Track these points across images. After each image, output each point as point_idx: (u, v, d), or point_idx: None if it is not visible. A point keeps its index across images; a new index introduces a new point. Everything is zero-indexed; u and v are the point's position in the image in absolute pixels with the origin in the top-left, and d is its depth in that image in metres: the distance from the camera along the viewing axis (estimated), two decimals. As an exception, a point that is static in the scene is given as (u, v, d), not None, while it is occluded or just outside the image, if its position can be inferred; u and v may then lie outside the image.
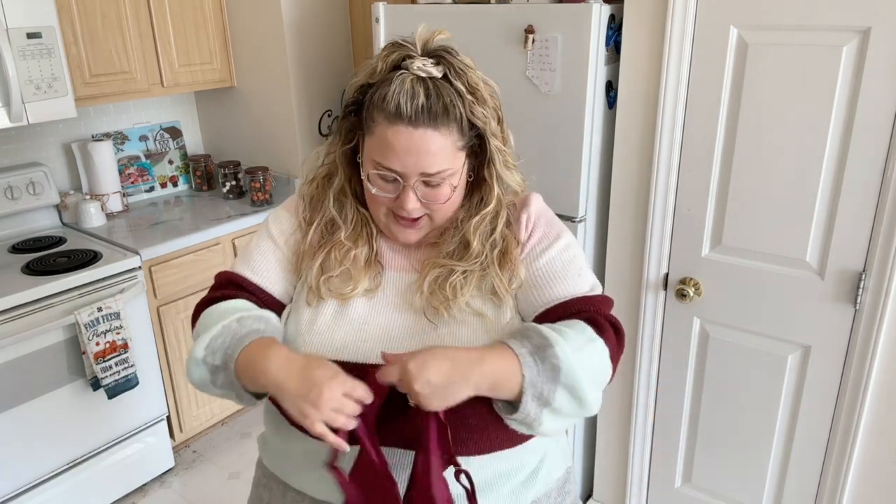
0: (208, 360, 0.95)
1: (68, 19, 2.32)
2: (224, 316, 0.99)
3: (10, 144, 2.56)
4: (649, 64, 1.76)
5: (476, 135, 0.99)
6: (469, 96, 0.96)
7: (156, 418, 2.53)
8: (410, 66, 0.94)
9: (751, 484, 1.92)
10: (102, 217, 2.67)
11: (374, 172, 0.98)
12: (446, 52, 0.97)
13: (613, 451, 2.18)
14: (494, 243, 1.03)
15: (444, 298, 1.00)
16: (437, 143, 0.94)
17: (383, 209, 1.01)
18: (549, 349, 0.89)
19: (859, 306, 1.61)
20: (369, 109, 0.96)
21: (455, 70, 0.96)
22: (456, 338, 0.99)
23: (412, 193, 0.97)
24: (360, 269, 1.04)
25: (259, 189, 2.89)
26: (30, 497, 2.21)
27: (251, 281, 1.07)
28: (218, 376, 0.95)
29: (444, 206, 1.00)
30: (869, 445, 1.69)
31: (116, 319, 2.25)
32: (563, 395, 0.90)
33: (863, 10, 1.44)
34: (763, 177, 1.66)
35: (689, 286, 1.83)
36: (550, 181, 1.91)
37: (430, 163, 0.94)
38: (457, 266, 1.01)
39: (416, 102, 0.92)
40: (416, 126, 0.93)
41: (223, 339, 0.95)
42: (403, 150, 0.94)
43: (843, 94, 1.51)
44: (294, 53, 2.75)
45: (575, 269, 1.04)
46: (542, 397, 0.89)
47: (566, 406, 0.91)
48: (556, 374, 0.89)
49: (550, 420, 0.91)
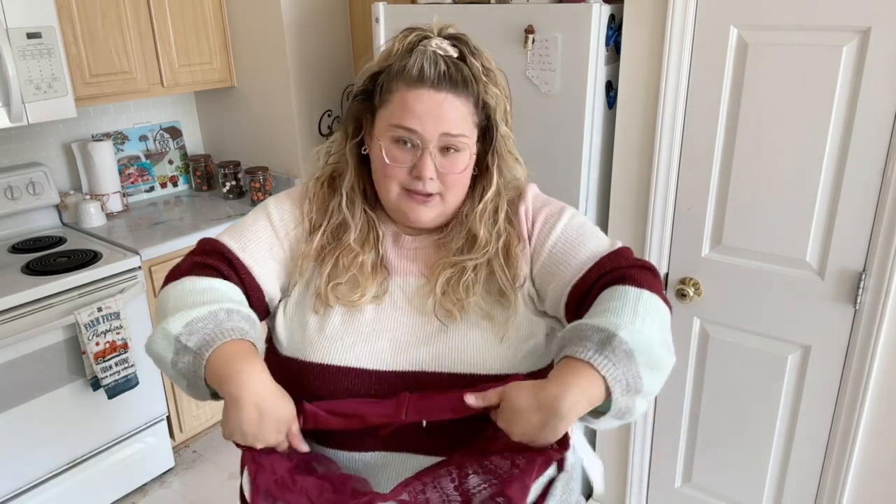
0: (182, 338, 0.89)
1: (68, 19, 2.32)
2: (213, 299, 0.94)
3: (10, 144, 2.56)
4: (649, 64, 1.76)
5: (486, 117, 1.00)
6: (484, 77, 0.98)
7: (156, 418, 2.53)
8: (428, 44, 0.96)
9: (751, 484, 1.92)
10: (102, 217, 2.67)
11: (390, 137, 0.97)
12: (461, 36, 1.00)
13: (613, 451, 2.18)
14: (499, 233, 1.02)
15: (456, 300, 0.99)
16: (457, 109, 0.95)
17: (396, 187, 0.99)
18: (615, 338, 0.85)
19: (859, 306, 1.61)
20: (387, 83, 0.97)
21: (471, 50, 0.98)
22: (466, 342, 0.99)
23: (429, 159, 0.96)
24: (368, 276, 1.02)
25: (259, 189, 2.89)
26: (30, 497, 2.21)
27: (238, 257, 1.01)
28: (183, 357, 0.89)
29: (459, 180, 0.99)
30: (869, 445, 1.69)
31: (116, 319, 2.24)
32: (646, 374, 0.86)
33: (863, 10, 1.44)
34: (763, 177, 1.66)
35: (689, 286, 1.83)
36: (550, 181, 1.90)
37: (451, 125, 0.95)
38: (467, 262, 1.00)
39: (440, 68, 0.94)
40: (438, 89, 0.94)
41: (205, 324, 0.89)
42: (425, 112, 0.94)
43: (843, 94, 1.51)
44: (294, 53, 2.75)
45: (589, 232, 1.04)
46: (630, 387, 0.85)
47: (653, 382, 0.88)
48: (631, 359, 0.85)
49: (642, 403, 0.89)
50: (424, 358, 0.98)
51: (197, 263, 1.00)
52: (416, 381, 0.97)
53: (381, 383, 0.97)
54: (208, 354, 0.87)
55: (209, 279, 0.98)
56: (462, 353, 0.98)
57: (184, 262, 1.02)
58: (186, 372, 0.90)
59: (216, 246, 1.03)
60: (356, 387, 0.97)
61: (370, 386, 0.97)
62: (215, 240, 1.04)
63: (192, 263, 1.01)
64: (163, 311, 0.96)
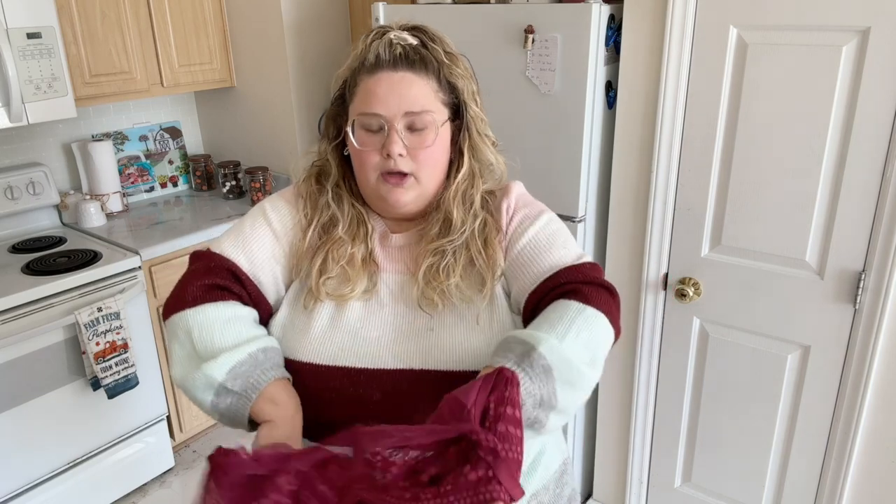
0: (227, 384, 0.92)
1: (68, 19, 2.32)
2: (244, 337, 0.96)
3: (10, 144, 2.56)
4: (649, 64, 1.76)
5: (455, 100, 1.02)
6: (446, 60, 1.01)
7: (156, 418, 2.53)
8: (386, 36, 0.99)
9: (751, 484, 1.92)
10: (102, 217, 2.67)
11: (358, 123, 0.99)
12: (422, 27, 1.03)
13: (613, 451, 2.18)
14: (476, 214, 1.03)
15: (437, 284, 1.00)
16: (417, 85, 0.98)
17: (373, 173, 1.00)
18: (534, 352, 0.87)
19: (859, 306, 1.61)
20: (352, 80, 1.01)
21: (430, 37, 1.01)
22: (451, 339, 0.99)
23: (396, 136, 0.97)
24: (358, 269, 1.03)
25: (259, 189, 2.89)
26: (30, 497, 2.21)
27: (244, 272, 1.03)
28: (224, 399, 0.93)
29: (430, 155, 1.00)
30: (869, 445, 1.69)
31: (116, 319, 2.25)
32: (563, 391, 0.88)
33: (863, 10, 1.44)
34: (763, 177, 1.66)
35: (689, 286, 1.83)
36: (550, 181, 1.91)
37: (412, 102, 0.97)
38: (446, 245, 1.02)
39: (395, 51, 0.98)
40: (395, 69, 0.97)
41: (247, 367, 0.93)
42: (385, 92, 0.97)
43: (843, 94, 1.51)
44: (294, 53, 2.75)
45: (559, 242, 1.04)
46: (543, 402, 0.87)
47: (569, 399, 0.89)
48: (548, 375, 0.86)
49: (556, 418, 0.90)
50: (412, 355, 0.99)
51: (209, 287, 1.00)
52: (403, 378, 0.98)
53: (368, 381, 0.98)
54: (255, 396, 0.92)
55: (228, 305, 0.99)
56: (449, 351, 0.98)
57: (193, 281, 1.01)
58: (228, 412, 0.94)
59: (221, 262, 1.03)
60: (344, 385, 0.98)
61: (358, 384, 0.98)
62: (219, 254, 1.04)
63: (204, 287, 1.00)
64: (183, 342, 0.96)
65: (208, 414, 0.96)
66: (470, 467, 0.74)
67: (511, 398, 0.79)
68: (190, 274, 1.03)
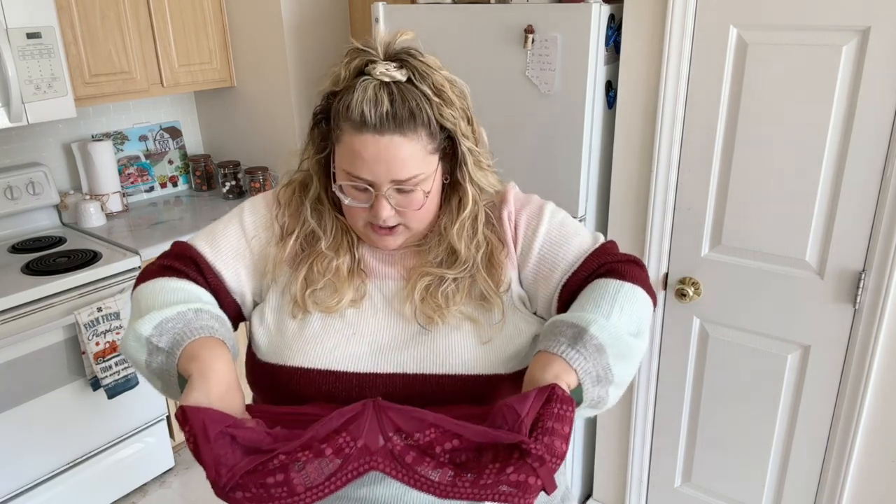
0: (153, 339, 0.91)
1: (68, 19, 2.32)
2: (181, 299, 0.96)
3: (10, 144, 2.56)
4: (649, 64, 1.76)
5: (447, 137, 0.98)
6: (436, 98, 0.94)
7: (156, 418, 2.53)
8: (373, 71, 0.92)
9: (751, 484, 1.93)
10: (102, 217, 2.67)
11: (346, 184, 0.97)
12: (409, 54, 0.95)
13: (613, 451, 2.18)
14: (479, 245, 1.02)
15: (436, 306, 0.99)
16: (405, 149, 0.92)
17: (360, 221, 1.00)
18: (585, 334, 0.89)
19: (859, 306, 1.61)
20: (336, 119, 0.95)
21: (419, 73, 0.94)
22: (449, 343, 0.99)
23: (385, 202, 0.95)
24: (344, 280, 1.02)
25: (259, 189, 2.89)
26: (30, 497, 2.21)
27: (207, 261, 1.04)
28: (156, 358, 0.91)
29: (419, 213, 0.99)
30: (869, 445, 1.69)
31: (116, 319, 2.25)
32: (616, 365, 0.91)
33: (863, 10, 1.45)
34: (763, 176, 1.66)
35: (689, 286, 1.83)
36: (550, 181, 1.91)
37: (400, 169, 0.93)
38: (447, 274, 1.01)
39: (381, 109, 0.90)
40: (382, 133, 0.91)
41: (175, 324, 0.92)
42: (372, 159, 0.92)
43: (843, 94, 1.51)
44: (294, 53, 2.75)
45: (571, 230, 1.06)
46: (600, 378, 0.89)
47: (623, 371, 0.92)
48: (601, 353, 0.89)
49: (615, 391, 0.93)
50: (406, 360, 0.98)
51: (166, 266, 1.03)
52: (397, 382, 0.97)
53: (361, 385, 0.97)
54: (179, 352, 0.89)
55: (178, 280, 1.01)
56: (444, 355, 0.98)
57: (154, 263, 1.05)
58: (160, 371, 0.92)
59: (187, 251, 1.06)
60: (337, 389, 0.97)
61: (351, 388, 0.97)
62: (188, 244, 1.07)
63: (161, 266, 1.04)
64: (134, 311, 0.99)
65: (148, 379, 0.96)
66: (513, 469, 0.80)
67: (564, 415, 0.83)
68: (157, 258, 1.07)
